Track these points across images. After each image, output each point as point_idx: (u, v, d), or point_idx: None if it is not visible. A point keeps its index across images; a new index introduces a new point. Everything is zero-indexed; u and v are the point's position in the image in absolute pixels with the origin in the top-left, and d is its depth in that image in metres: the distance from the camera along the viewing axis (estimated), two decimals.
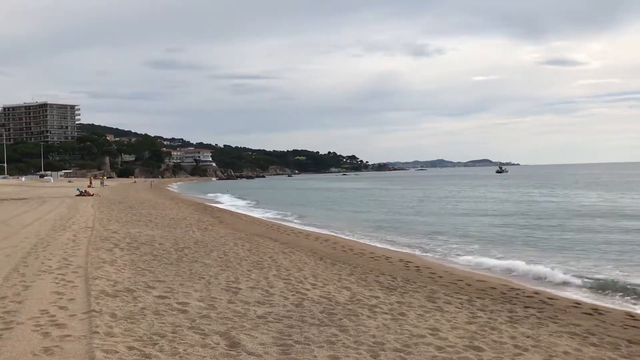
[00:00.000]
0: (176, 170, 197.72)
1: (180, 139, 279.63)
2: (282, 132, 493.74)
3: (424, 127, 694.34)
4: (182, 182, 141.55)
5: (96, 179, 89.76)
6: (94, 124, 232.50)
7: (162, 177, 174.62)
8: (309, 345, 6.25)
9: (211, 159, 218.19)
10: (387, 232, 24.75)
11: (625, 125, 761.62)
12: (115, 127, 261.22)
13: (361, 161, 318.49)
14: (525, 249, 19.09)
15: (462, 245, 20.09)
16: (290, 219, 32.00)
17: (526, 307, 9.77)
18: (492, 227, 26.14)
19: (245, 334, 6.52)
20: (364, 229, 26.10)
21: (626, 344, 7.59)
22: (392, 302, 9.25)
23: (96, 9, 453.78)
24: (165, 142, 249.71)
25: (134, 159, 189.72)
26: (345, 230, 25.52)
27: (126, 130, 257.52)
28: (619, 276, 13.44)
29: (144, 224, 21.80)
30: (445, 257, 17.27)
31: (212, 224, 23.86)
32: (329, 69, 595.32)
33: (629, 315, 9.70)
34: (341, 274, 12.21)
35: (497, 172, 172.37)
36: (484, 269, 14.93)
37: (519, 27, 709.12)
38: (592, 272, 13.95)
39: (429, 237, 22.57)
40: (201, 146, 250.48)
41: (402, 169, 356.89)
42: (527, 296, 10.90)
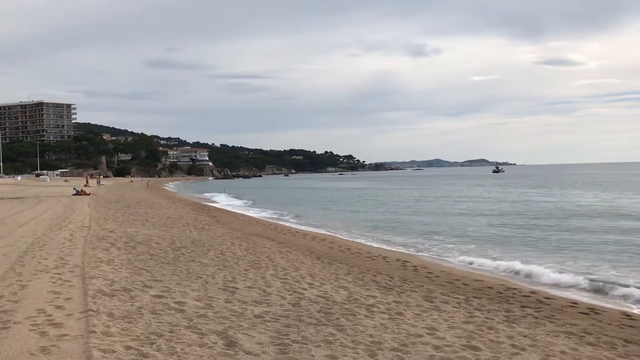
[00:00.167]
0: (173, 169, 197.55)
1: (177, 139, 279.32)
2: (279, 132, 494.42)
3: (422, 127, 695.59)
4: (178, 182, 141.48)
5: (92, 178, 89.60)
6: (90, 123, 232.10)
7: (159, 176, 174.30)
8: (306, 344, 6.25)
9: (208, 159, 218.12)
10: (384, 232, 24.79)
11: (623, 125, 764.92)
12: (111, 126, 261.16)
13: (358, 161, 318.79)
14: (522, 248, 19.14)
15: (459, 245, 20.13)
16: (287, 219, 32.01)
17: (523, 306, 9.79)
18: (489, 227, 26.19)
19: (242, 334, 6.51)
20: (361, 229, 26.13)
21: (623, 343, 7.61)
22: (389, 302, 9.26)
23: (94, 8, 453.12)
24: (161, 142, 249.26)
25: (130, 158, 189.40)
26: (342, 229, 25.56)
27: (122, 129, 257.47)
28: (616, 276, 13.51)
29: (141, 223, 21.76)
30: (442, 257, 17.31)
31: (209, 223, 23.84)
32: (327, 69, 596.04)
33: (626, 314, 9.73)
34: (338, 274, 12.22)
35: (494, 171, 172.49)
36: (481, 269, 14.98)
37: (517, 27, 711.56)
38: (588, 272, 13.99)
39: (426, 237, 22.62)
40: (198, 145, 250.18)
41: (399, 169, 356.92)
42: (524, 296, 10.93)
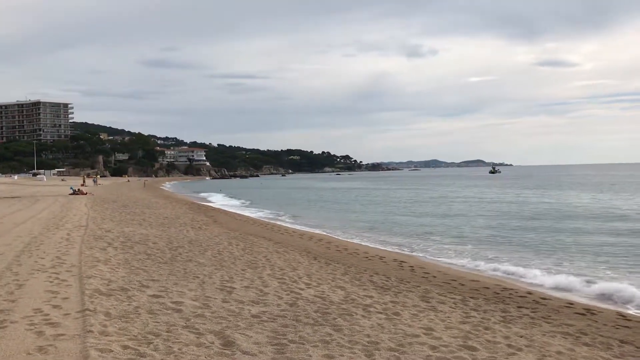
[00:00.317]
0: (170, 169, 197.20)
1: (174, 138, 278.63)
2: (276, 132, 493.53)
3: (418, 127, 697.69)
4: (175, 181, 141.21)
5: (89, 177, 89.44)
6: (87, 123, 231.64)
7: (156, 176, 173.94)
8: (303, 344, 6.26)
9: (205, 158, 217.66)
10: (381, 232, 24.82)
11: (619, 126, 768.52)
12: (108, 126, 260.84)
13: (355, 161, 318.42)
14: (518, 249, 19.16)
15: (455, 245, 20.16)
16: (283, 219, 32.00)
17: (519, 307, 9.82)
18: (486, 228, 26.22)
19: (239, 333, 6.52)
20: (358, 229, 26.15)
21: (618, 343, 7.65)
22: (386, 302, 9.28)
23: (91, 7, 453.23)
24: (159, 141, 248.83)
25: (127, 157, 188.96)
26: (338, 230, 25.58)
27: (120, 129, 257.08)
28: (612, 277, 13.55)
29: (138, 222, 21.74)
30: (438, 257, 17.33)
31: (206, 223, 23.83)
32: (325, 69, 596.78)
33: (621, 315, 9.77)
34: (335, 274, 12.23)
35: (491, 172, 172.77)
36: (477, 269, 15.00)
37: (513, 28, 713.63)
38: (584, 273, 14.04)
39: (422, 237, 22.65)
40: (195, 145, 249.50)
41: (395, 169, 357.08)
42: (520, 296, 10.95)
